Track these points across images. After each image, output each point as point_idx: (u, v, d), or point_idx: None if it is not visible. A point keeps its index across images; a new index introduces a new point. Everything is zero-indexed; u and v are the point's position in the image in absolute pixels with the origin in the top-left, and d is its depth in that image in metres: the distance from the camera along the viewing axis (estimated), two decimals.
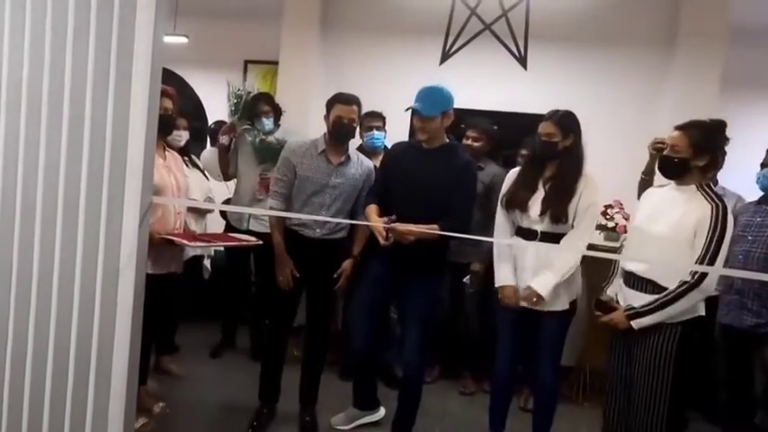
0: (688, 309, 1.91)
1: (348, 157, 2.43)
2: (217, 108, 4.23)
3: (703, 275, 1.84)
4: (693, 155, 1.93)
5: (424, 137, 2.25)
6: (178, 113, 2.49)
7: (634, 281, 2.01)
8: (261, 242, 2.68)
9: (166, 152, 2.45)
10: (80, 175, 1.83)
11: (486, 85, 3.59)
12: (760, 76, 3.75)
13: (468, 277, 2.96)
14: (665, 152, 1.98)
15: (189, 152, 2.88)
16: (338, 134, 2.39)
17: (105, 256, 1.84)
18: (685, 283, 1.86)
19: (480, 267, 2.89)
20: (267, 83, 5.00)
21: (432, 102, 2.18)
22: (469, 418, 2.71)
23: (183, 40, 4.40)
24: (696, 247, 1.87)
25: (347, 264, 2.46)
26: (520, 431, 2.34)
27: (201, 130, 4.44)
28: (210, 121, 4.35)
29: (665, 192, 2.05)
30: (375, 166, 2.52)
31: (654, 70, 3.43)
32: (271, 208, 2.51)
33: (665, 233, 1.92)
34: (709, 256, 1.84)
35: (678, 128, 1.99)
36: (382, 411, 2.63)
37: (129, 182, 1.86)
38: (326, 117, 2.43)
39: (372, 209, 2.25)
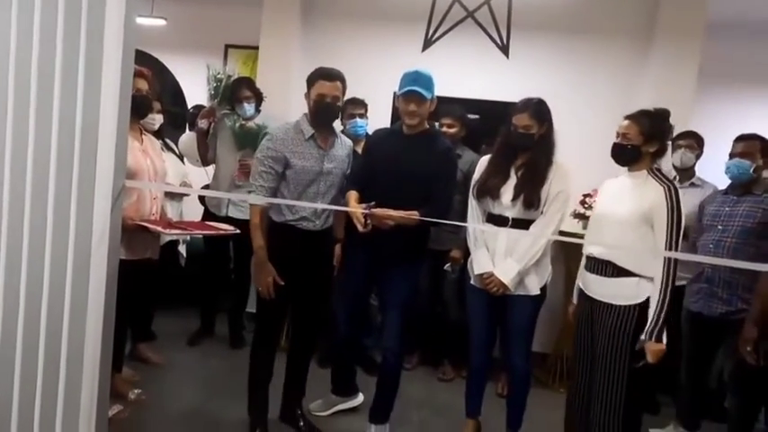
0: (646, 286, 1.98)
1: (335, 139, 2.29)
2: (196, 93, 4.16)
3: (677, 259, 1.93)
4: (644, 142, 2.04)
5: (414, 121, 2.20)
6: (154, 95, 2.43)
7: (594, 265, 2.08)
8: (238, 231, 2.63)
9: (143, 136, 2.40)
10: (49, 156, 1.78)
11: (467, 72, 3.58)
12: (735, 69, 3.80)
13: (449, 264, 2.97)
14: (617, 140, 2.07)
15: (163, 136, 2.82)
16: (321, 115, 2.18)
17: (76, 240, 1.80)
18: (666, 275, 1.92)
19: (460, 254, 2.90)
20: (248, 68, 4.92)
21: (425, 84, 2.16)
22: (448, 405, 2.73)
23: (161, 22, 4.31)
24: (656, 230, 1.95)
25: (338, 249, 2.38)
26: (497, 417, 2.36)
27: (181, 116, 4.37)
28: (190, 106, 4.28)
29: (619, 180, 2.14)
30: (355, 150, 2.45)
31: (633, 61, 3.46)
32: (252, 205, 2.23)
33: (622, 216, 2.00)
34: (675, 237, 1.92)
35: (628, 117, 2.09)
36: (361, 398, 2.63)
37: (101, 163, 1.82)
38: (307, 95, 2.22)
39: (352, 195, 2.21)
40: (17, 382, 1.84)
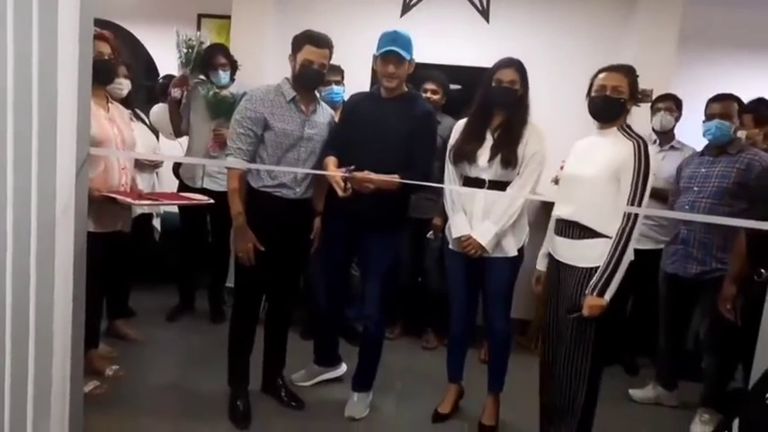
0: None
1: (317, 105, 2.22)
2: (170, 66, 4.00)
3: (638, 215, 1.83)
4: (630, 97, 1.95)
5: (392, 83, 2.14)
6: (118, 60, 2.31)
7: (562, 227, 2.01)
8: (212, 201, 2.56)
9: (110, 104, 2.30)
10: (6, 125, 1.69)
11: (447, 38, 3.51)
12: (715, 32, 3.78)
13: (430, 233, 2.95)
14: (607, 93, 1.93)
15: (133, 105, 2.71)
16: (306, 80, 2.11)
17: (39, 212, 1.73)
18: (623, 229, 1.84)
19: (441, 222, 2.87)
20: (222, 38, 4.75)
21: (404, 45, 2.10)
22: (431, 372, 2.74)
23: None
24: (622, 185, 1.87)
25: (317, 222, 2.31)
26: (480, 382, 2.37)
27: (154, 89, 4.23)
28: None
29: (589, 140, 2.06)
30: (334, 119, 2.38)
31: (614, 25, 3.42)
32: (229, 169, 2.13)
33: (591, 175, 1.92)
34: (639, 192, 1.84)
35: (615, 69, 1.96)
36: (344, 367, 2.63)
37: (62, 131, 1.74)
38: (292, 58, 2.13)
39: (331, 160, 2.14)
40: None
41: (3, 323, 1.76)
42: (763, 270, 2.06)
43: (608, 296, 1.83)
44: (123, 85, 2.51)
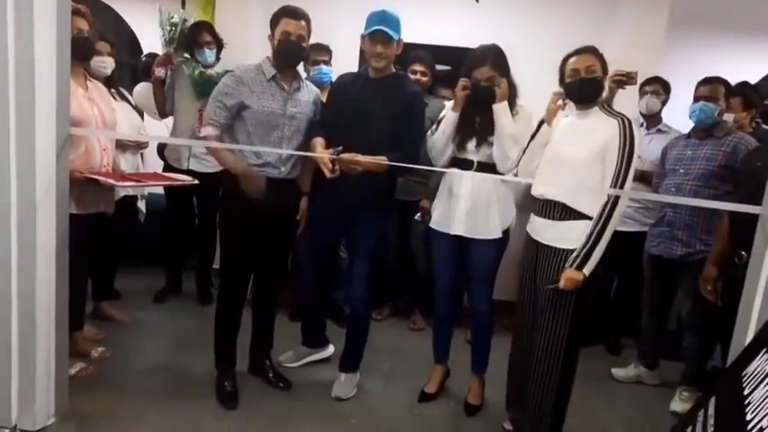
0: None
1: (300, 83, 2.20)
2: (154, 44, 3.90)
3: (622, 188, 1.84)
4: (603, 74, 1.96)
5: (380, 63, 2.12)
6: (95, 36, 2.25)
7: (542, 207, 1.99)
8: (197, 182, 2.53)
9: (88, 82, 2.24)
10: None
11: (436, 18, 3.47)
12: (704, 14, 3.77)
13: (418, 215, 2.95)
14: (584, 75, 1.92)
15: (116, 83, 2.65)
16: (286, 54, 2.09)
17: (19, 192, 1.70)
18: (605, 205, 1.84)
19: (429, 204, 2.87)
20: (208, 15, 4.65)
21: (392, 25, 2.07)
22: (418, 353, 2.76)
23: None
24: (607, 165, 1.87)
25: (304, 203, 2.29)
26: (466, 363, 2.40)
27: (137, 67, 4.13)
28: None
29: (568, 120, 2.03)
30: (320, 99, 2.34)
31: (603, 6, 3.40)
32: (206, 138, 2.12)
33: (576, 155, 1.92)
34: (623, 172, 1.84)
35: (585, 50, 1.96)
36: (331, 349, 2.64)
37: (41, 112, 1.70)
38: (271, 36, 2.11)
39: (318, 141, 2.12)
40: None
41: None
42: (743, 253, 2.08)
43: (586, 271, 1.84)
44: (107, 63, 2.45)
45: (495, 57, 2.10)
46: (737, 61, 3.77)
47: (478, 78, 2.10)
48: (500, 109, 2.09)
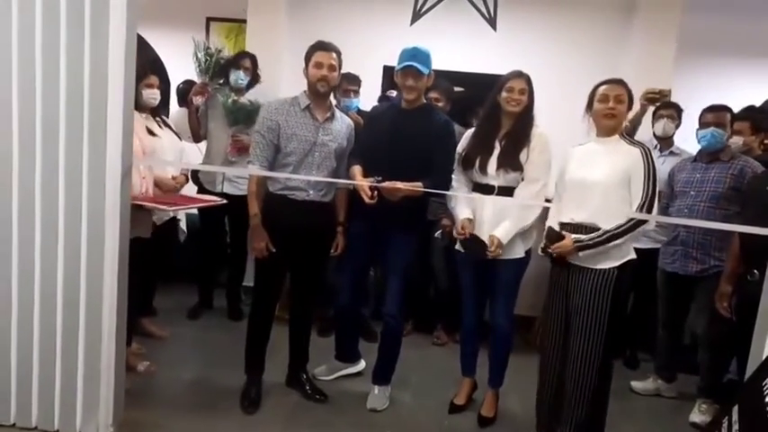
0: (626, 248, 2.03)
1: (333, 114, 2.36)
2: (179, 69, 4.09)
3: (649, 212, 1.98)
4: (629, 105, 2.11)
5: (412, 96, 2.28)
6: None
7: (572, 230, 2.08)
8: (225, 201, 2.70)
9: None
10: (58, 138, 1.82)
11: (456, 45, 3.64)
12: (712, 41, 3.94)
13: (439, 232, 3.07)
14: (611, 105, 2.04)
15: (160, 112, 2.82)
16: (318, 85, 2.25)
17: (89, 215, 1.86)
18: (632, 220, 1.98)
19: (450, 222, 3.00)
20: (231, 42, 4.85)
21: (423, 60, 2.24)
22: (444, 367, 2.88)
23: None
24: (633, 190, 2.01)
25: (340, 235, 2.43)
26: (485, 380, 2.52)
27: (164, 92, 4.30)
28: (173, 81, 4.22)
29: (588, 147, 2.16)
30: (353, 130, 2.49)
31: (616, 34, 3.58)
32: (250, 175, 2.33)
33: (601, 180, 2.03)
34: (650, 197, 1.98)
35: (616, 81, 2.10)
36: (363, 363, 2.76)
37: (110, 144, 1.86)
38: (305, 69, 2.30)
39: (357, 169, 2.29)
40: (36, 355, 1.91)
41: (53, 323, 1.90)
42: (755, 270, 2.21)
43: (580, 253, 2.01)
44: (156, 96, 2.63)
45: (528, 77, 2.28)
46: (743, 85, 3.93)
47: (513, 87, 2.24)
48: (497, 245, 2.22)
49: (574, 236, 2.04)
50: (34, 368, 1.91)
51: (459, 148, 2.39)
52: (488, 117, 2.33)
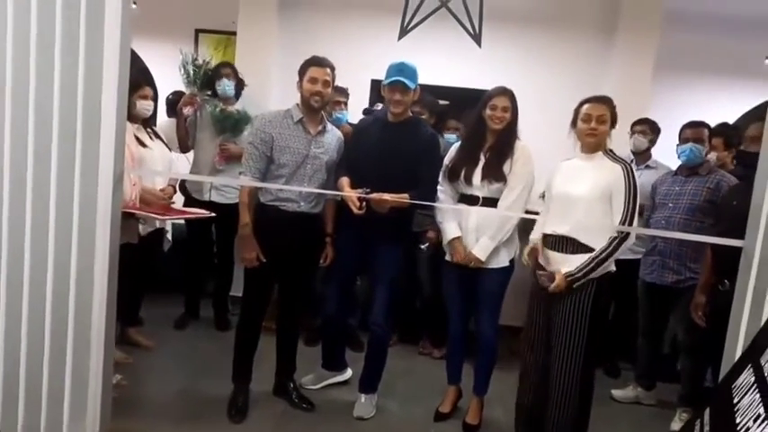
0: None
1: (324, 127, 2.41)
2: (167, 80, 4.11)
3: (626, 235, 2.06)
4: (612, 123, 2.18)
5: (399, 109, 2.34)
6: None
7: (554, 242, 2.17)
8: (213, 215, 2.71)
9: None
10: (50, 154, 1.84)
11: (442, 61, 3.72)
12: (689, 59, 4.09)
13: (426, 244, 3.13)
14: (593, 124, 2.12)
15: (151, 124, 2.85)
16: (311, 99, 2.29)
17: (80, 221, 1.88)
18: (614, 239, 2.05)
19: (435, 234, 3.06)
20: (220, 53, 4.89)
21: (410, 75, 2.31)
22: (429, 375, 2.92)
23: (132, 6, 4.23)
24: (614, 205, 2.09)
25: (329, 246, 2.47)
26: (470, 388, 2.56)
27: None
28: (162, 92, 4.24)
29: (574, 162, 2.24)
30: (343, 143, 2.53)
31: (596, 52, 3.69)
32: (242, 186, 2.36)
33: (584, 195, 2.11)
34: (630, 212, 2.06)
35: (600, 99, 2.17)
36: (349, 372, 2.79)
37: (103, 153, 1.89)
38: (299, 83, 2.34)
39: (345, 181, 2.34)
40: (23, 361, 1.91)
41: (42, 330, 1.90)
42: (726, 281, 2.29)
43: (574, 286, 2.06)
44: (150, 107, 2.67)
45: (512, 93, 2.36)
46: (720, 102, 4.09)
47: (497, 105, 2.32)
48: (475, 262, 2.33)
49: (564, 270, 2.08)
50: (21, 375, 1.90)
51: (447, 160, 2.46)
52: (474, 131, 2.41)
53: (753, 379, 1.30)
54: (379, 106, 3.17)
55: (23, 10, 1.78)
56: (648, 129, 3.18)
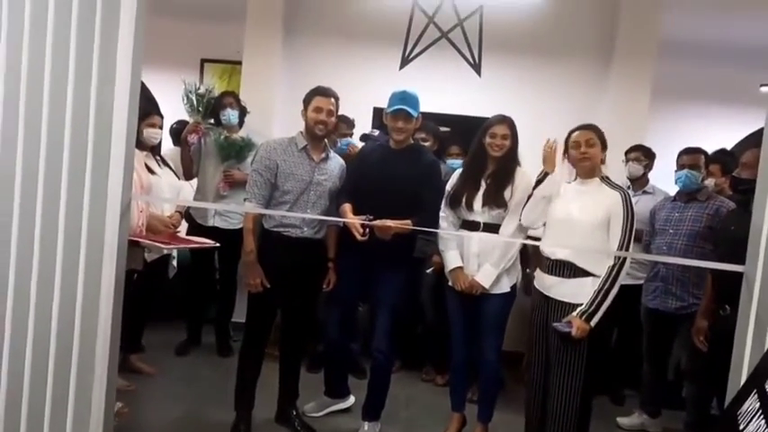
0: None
1: (327, 154, 2.45)
2: (172, 108, 4.17)
3: (624, 259, 2.10)
4: (602, 149, 2.24)
5: (401, 137, 2.39)
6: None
7: (552, 266, 2.20)
8: (218, 245, 2.74)
9: None
10: (60, 178, 1.88)
11: (442, 89, 3.79)
12: (685, 87, 4.17)
13: (430, 269, 3.14)
14: (583, 150, 2.19)
15: (160, 151, 2.90)
16: (316, 127, 2.34)
17: (88, 248, 1.90)
18: (614, 266, 2.09)
19: (440, 259, 3.07)
20: (225, 82, 4.99)
21: (412, 104, 2.36)
22: (433, 403, 2.90)
23: None
24: (612, 231, 2.13)
25: (331, 271, 2.49)
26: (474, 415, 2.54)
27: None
28: (167, 120, 4.31)
29: (571, 187, 2.30)
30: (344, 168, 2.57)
31: (593, 81, 3.76)
32: (246, 212, 2.40)
33: (583, 220, 2.16)
34: (627, 238, 2.10)
35: (587, 127, 2.25)
36: (352, 399, 2.77)
37: (112, 180, 1.92)
38: (304, 112, 2.40)
39: (348, 207, 2.37)
40: (26, 390, 1.91)
41: (46, 356, 1.91)
42: (727, 306, 2.30)
43: (593, 323, 2.07)
44: (158, 135, 2.72)
45: (511, 121, 2.41)
46: (718, 128, 4.15)
47: (496, 133, 2.36)
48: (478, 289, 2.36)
49: (577, 310, 2.09)
50: (23, 402, 1.89)
51: (449, 186, 2.49)
52: (474, 158, 2.46)
53: (758, 405, 1.30)
54: (377, 132, 3.23)
55: (39, 40, 1.84)
56: (642, 155, 3.22)
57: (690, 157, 2.78)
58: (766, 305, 1.72)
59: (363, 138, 3.33)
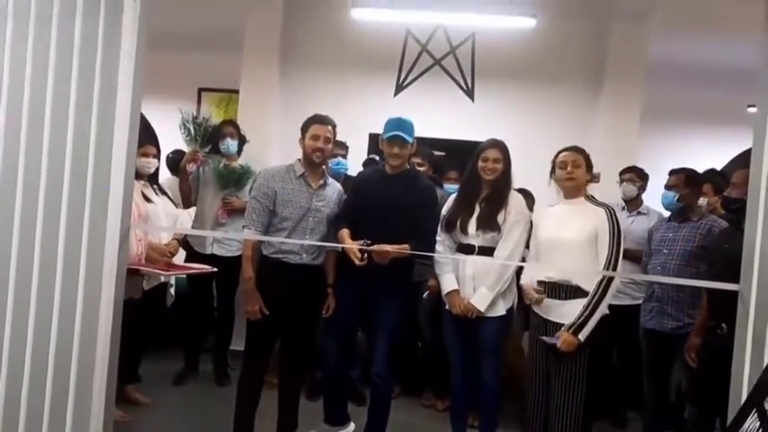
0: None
1: (325, 181, 2.48)
2: (170, 138, 4.20)
3: (615, 267, 2.14)
4: (587, 169, 2.30)
5: (397, 162, 2.43)
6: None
7: (549, 289, 2.22)
8: (215, 269, 2.74)
9: None
10: (61, 201, 1.90)
11: (436, 114, 3.86)
12: (675, 108, 4.26)
13: (427, 293, 3.14)
14: (569, 170, 2.25)
15: (157, 180, 2.93)
16: (313, 154, 2.38)
17: (87, 276, 1.91)
18: (601, 282, 2.12)
19: (436, 283, 3.07)
20: (222, 111, 5.06)
21: (407, 130, 2.41)
22: (433, 428, 2.86)
23: None
24: (599, 247, 2.17)
25: (330, 297, 2.49)
26: None
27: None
28: (164, 150, 4.34)
29: (557, 208, 2.34)
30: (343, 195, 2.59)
31: (584, 105, 3.83)
32: (245, 240, 2.42)
33: (572, 239, 2.20)
34: (615, 253, 2.14)
35: (572, 148, 2.32)
36: (352, 426, 2.72)
37: (111, 210, 1.94)
38: (302, 140, 2.43)
39: (346, 232, 2.39)
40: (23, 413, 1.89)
41: (44, 379, 1.90)
42: (723, 324, 2.31)
43: (582, 336, 2.08)
44: (152, 165, 2.75)
45: (503, 145, 2.45)
46: (706, 149, 4.22)
47: (488, 157, 2.40)
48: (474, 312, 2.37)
49: (566, 324, 2.13)
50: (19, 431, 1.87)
51: (444, 210, 2.52)
52: (468, 182, 2.50)
53: (758, 424, 1.30)
54: (376, 158, 3.27)
55: (41, 73, 1.88)
56: (636, 176, 3.27)
57: (672, 178, 2.84)
58: (763, 322, 1.73)
59: (366, 163, 3.37)
